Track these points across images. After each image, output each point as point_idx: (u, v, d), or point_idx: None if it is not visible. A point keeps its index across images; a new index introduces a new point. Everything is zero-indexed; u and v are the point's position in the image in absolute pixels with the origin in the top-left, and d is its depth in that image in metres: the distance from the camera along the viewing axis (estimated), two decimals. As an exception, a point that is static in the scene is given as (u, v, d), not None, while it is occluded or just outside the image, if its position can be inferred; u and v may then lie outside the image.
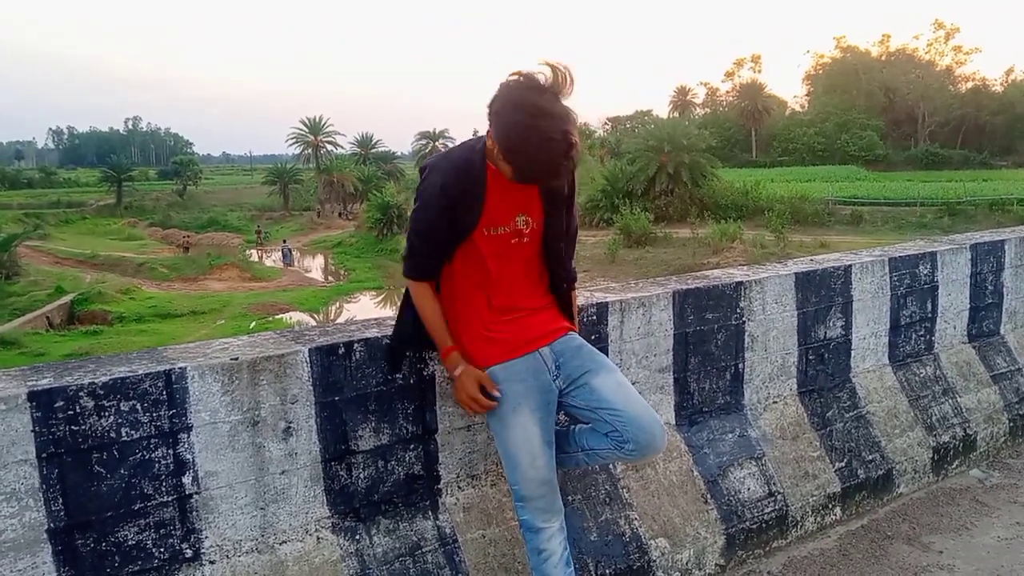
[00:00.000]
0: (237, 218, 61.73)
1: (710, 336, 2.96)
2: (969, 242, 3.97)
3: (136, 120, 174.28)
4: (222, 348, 2.13)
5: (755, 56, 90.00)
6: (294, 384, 2.10)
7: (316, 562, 2.13)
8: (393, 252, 41.91)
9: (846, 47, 79.60)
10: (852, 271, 3.38)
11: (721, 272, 3.29)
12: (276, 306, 29.28)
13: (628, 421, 2.06)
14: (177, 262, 40.41)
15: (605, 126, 72.77)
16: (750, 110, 72.17)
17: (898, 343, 3.62)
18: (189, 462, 1.96)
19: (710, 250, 29.88)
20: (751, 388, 3.11)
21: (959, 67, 74.69)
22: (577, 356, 2.14)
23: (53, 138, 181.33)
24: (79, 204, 68.59)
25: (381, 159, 77.46)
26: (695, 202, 38.31)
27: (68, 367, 1.96)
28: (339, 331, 2.32)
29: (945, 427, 3.62)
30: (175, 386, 1.93)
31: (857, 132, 67.02)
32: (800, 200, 36.45)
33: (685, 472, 2.84)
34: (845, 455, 3.24)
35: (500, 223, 2.01)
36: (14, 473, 1.76)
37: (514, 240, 2.03)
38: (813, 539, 3.04)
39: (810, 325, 3.26)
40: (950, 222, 31.65)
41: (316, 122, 73.43)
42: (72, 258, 40.48)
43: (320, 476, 2.17)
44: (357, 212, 57.20)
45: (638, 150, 41.08)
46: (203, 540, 2.00)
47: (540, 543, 2.13)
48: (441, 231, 2.00)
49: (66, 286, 30.98)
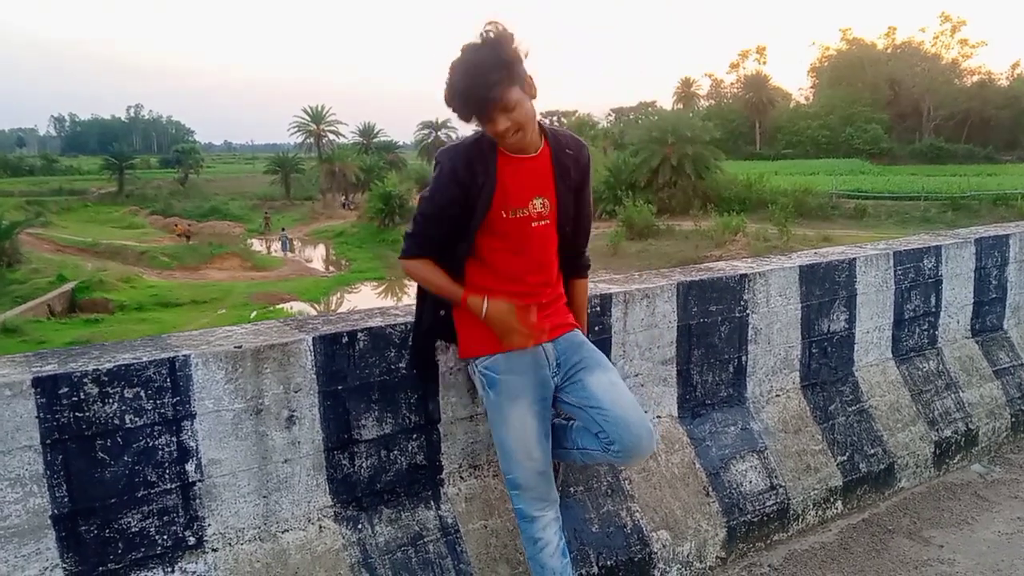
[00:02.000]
0: (239, 207, 61.67)
1: (713, 328, 2.95)
2: (973, 236, 3.96)
3: (138, 108, 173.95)
4: (226, 336, 2.13)
5: (760, 48, 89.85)
6: (298, 373, 2.10)
7: (318, 551, 2.13)
8: (395, 242, 41.85)
9: (852, 39, 79.29)
10: (856, 264, 3.37)
11: (725, 264, 3.28)
12: (277, 295, 29.32)
13: (614, 421, 2.06)
14: (179, 251, 40.42)
15: (609, 117, 72.66)
16: (754, 102, 71.91)
17: (901, 337, 3.61)
18: (192, 450, 1.97)
19: (713, 243, 29.84)
20: (754, 381, 3.11)
21: (965, 60, 74.38)
22: (576, 352, 2.15)
23: (55, 125, 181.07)
24: (81, 192, 68.52)
25: (383, 149, 77.28)
26: (698, 194, 38.24)
27: (72, 354, 1.96)
28: (343, 320, 2.32)
29: (947, 422, 3.62)
30: (179, 373, 1.93)
31: (862, 125, 66.79)
32: (804, 193, 36.35)
33: (687, 464, 2.84)
34: (847, 449, 3.24)
35: (517, 205, 2.02)
36: (18, 459, 1.76)
37: (535, 223, 2.05)
38: (814, 532, 3.05)
39: (814, 318, 3.25)
40: (954, 216, 31.57)
41: (318, 111, 73.24)
42: (73, 246, 40.48)
43: (323, 465, 2.17)
44: (359, 202, 57.14)
45: (642, 142, 40.98)
46: (206, 528, 2.01)
47: (535, 532, 2.14)
48: (448, 215, 2.00)
49: (67, 274, 30.99)
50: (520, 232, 2.04)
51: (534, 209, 2.04)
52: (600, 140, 55.54)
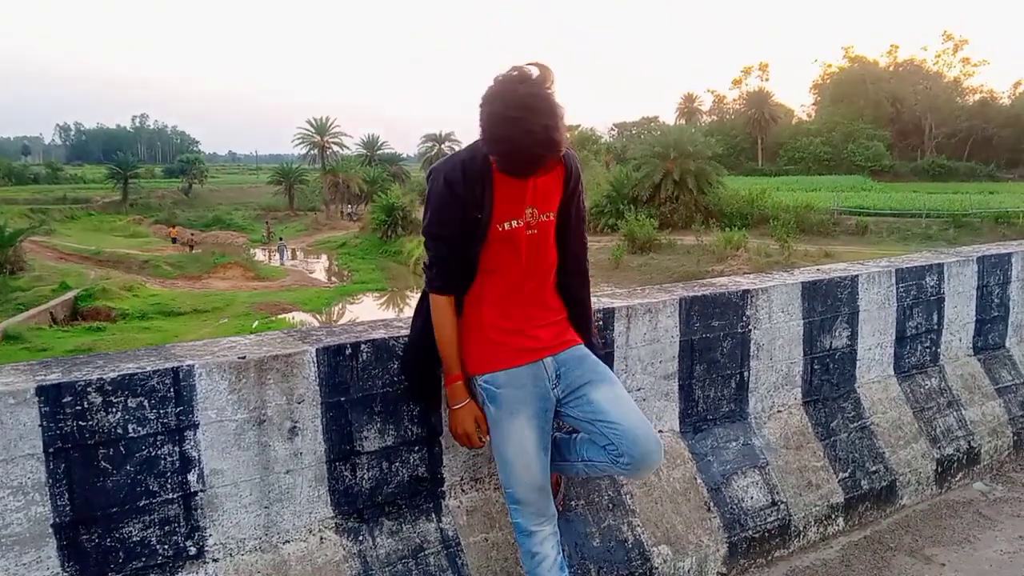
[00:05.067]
0: (242, 217, 61.87)
1: (716, 344, 2.96)
2: (976, 254, 3.96)
3: (143, 117, 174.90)
4: (229, 346, 2.14)
5: (762, 64, 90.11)
6: (301, 384, 2.10)
7: (319, 562, 2.13)
8: (397, 254, 41.97)
9: (854, 57, 79.52)
10: (859, 281, 3.38)
11: (728, 280, 3.29)
12: (279, 306, 29.31)
13: (623, 434, 2.06)
14: (181, 260, 40.50)
15: (611, 132, 72.87)
16: (756, 118, 72.05)
17: (903, 354, 3.61)
18: (195, 459, 1.97)
19: (714, 258, 29.82)
20: (756, 396, 3.10)
21: (967, 79, 74.51)
22: (579, 367, 2.14)
23: (60, 134, 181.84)
24: (85, 200, 68.68)
25: (387, 161, 77.51)
26: (700, 209, 38.25)
27: (76, 362, 1.97)
28: (346, 332, 2.33)
29: (949, 439, 3.61)
30: (183, 383, 1.94)
31: (864, 142, 66.87)
32: (805, 209, 36.36)
33: (689, 479, 2.84)
34: (849, 465, 3.24)
35: (512, 216, 2.02)
36: (21, 467, 1.76)
37: (529, 232, 2.05)
38: (815, 549, 3.04)
39: (816, 334, 3.25)
40: (955, 234, 31.56)
41: (323, 122, 73.54)
42: (77, 254, 40.54)
43: (325, 476, 2.17)
44: (362, 213, 57.25)
45: (644, 156, 41.02)
46: (207, 538, 2.01)
47: (533, 546, 2.14)
48: (456, 229, 2.00)
49: (70, 282, 31.02)
50: (514, 241, 2.04)
51: (527, 218, 2.04)
52: (603, 154, 55.68)
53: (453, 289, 2.08)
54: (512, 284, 2.08)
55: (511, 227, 2.02)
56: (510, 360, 2.08)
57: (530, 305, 2.11)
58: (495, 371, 2.08)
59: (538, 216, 2.06)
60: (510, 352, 2.08)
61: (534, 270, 2.09)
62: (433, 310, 2.09)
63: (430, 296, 2.09)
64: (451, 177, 1.97)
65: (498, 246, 2.03)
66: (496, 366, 2.08)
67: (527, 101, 1.77)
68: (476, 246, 2.02)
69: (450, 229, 2.00)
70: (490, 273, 2.07)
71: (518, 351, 2.08)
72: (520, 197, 2.02)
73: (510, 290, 2.08)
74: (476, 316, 2.10)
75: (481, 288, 2.08)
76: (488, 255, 2.04)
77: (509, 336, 2.08)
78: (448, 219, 2.00)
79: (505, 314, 2.08)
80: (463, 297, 2.09)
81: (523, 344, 2.09)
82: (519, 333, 2.09)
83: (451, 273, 2.05)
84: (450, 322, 2.08)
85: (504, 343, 2.08)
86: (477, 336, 2.09)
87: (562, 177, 2.11)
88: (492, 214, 1.99)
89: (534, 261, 2.08)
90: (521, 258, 2.06)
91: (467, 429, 2.12)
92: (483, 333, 2.09)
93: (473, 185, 1.97)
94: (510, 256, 2.05)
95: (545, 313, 2.14)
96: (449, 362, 2.10)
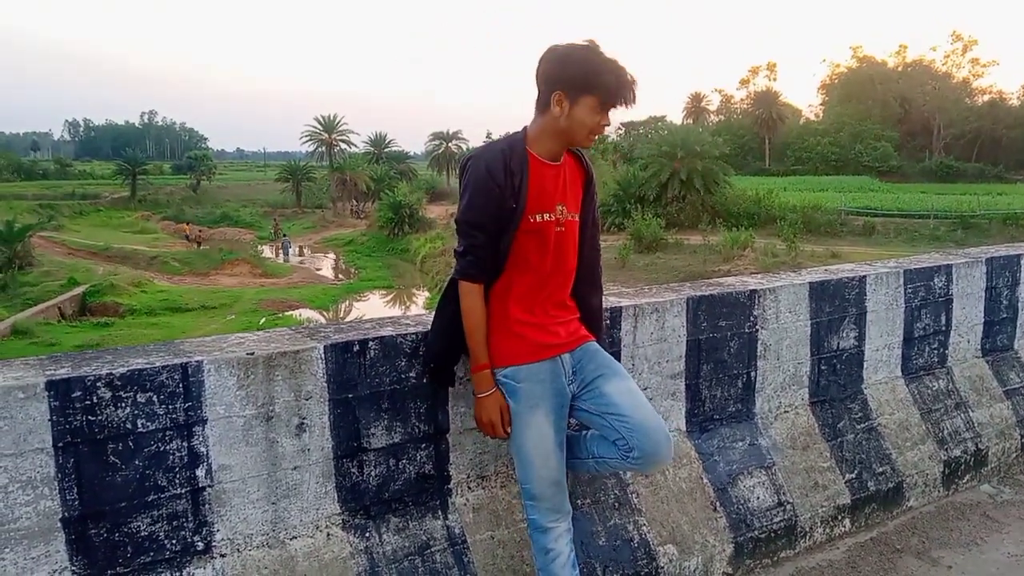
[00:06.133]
0: (250, 214, 61.98)
1: (723, 344, 2.95)
2: (985, 256, 3.94)
3: (152, 114, 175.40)
4: (238, 343, 2.14)
5: (770, 64, 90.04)
6: (309, 380, 2.11)
7: (326, 558, 2.14)
8: (404, 252, 42.04)
9: (862, 57, 79.26)
10: (867, 282, 3.37)
11: (735, 280, 3.28)
12: (286, 303, 29.41)
13: (634, 427, 2.07)
14: (189, 256, 40.64)
15: (619, 131, 72.68)
16: (764, 118, 71.84)
17: (911, 355, 3.60)
18: (203, 455, 1.98)
19: (721, 257, 29.75)
20: (763, 397, 3.10)
21: (976, 80, 74.21)
22: (592, 361, 2.17)
23: (69, 130, 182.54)
24: (93, 196, 68.98)
25: (394, 159, 77.64)
26: (707, 209, 38.19)
27: (86, 357, 1.98)
28: (354, 329, 2.33)
29: (957, 441, 3.60)
30: (191, 379, 1.94)
31: (871, 143, 66.64)
32: (812, 209, 36.28)
33: (695, 479, 2.84)
34: (855, 466, 3.23)
35: (544, 209, 2.05)
36: (30, 461, 1.77)
37: (557, 228, 2.08)
38: (821, 550, 3.03)
39: (823, 335, 3.25)
40: (963, 235, 31.42)
41: (330, 120, 73.70)
42: (85, 250, 40.74)
43: (332, 473, 2.18)
44: (369, 211, 57.37)
45: (651, 156, 40.98)
46: (215, 533, 2.01)
47: (547, 543, 2.14)
48: (494, 217, 2.01)
49: (79, 277, 31.20)
50: (544, 236, 2.06)
51: (558, 214, 2.08)
52: (610, 153, 55.56)
53: (483, 277, 2.08)
54: (538, 281, 2.10)
55: (542, 220, 2.05)
56: (531, 355, 2.10)
57: (551, 303, 2.13)
58: (517, 365, 2.10)
59: (567, 214, 2.10)
60: (532, 347, 2.10)
61: (558, 269, 2.12)
62: (462, 296, 2.09)
63: (459, 283, 2.09)
64: (492, 165, 1.99)
65: (528, 239, 2.05)
66: (518, 360, 2.10)
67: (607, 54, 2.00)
68: (507, 236, 2.03)
69: (487, 216, 2.01)
70: (517, 268, 2.08)
71: (540, 346, 2.10)
72: (552, 191, 2.06)
73: (535, 287, 2.10)
74: (501, 309, 2.10)
75: (508, 282, 2.09)
76: (518, 247, 2.06)
77: (532, 331, 2.10)
78: (485, 206, 2.00)
79: (529, 309, 2.10)
80: (489, 290, 2.10)
81: (544, 340, 2.11)
82: (541, 329, 2.11)
83: (483, 261, 2.05)
84: (480, 309, 2.08)
85: (527, 337, 2.10)
86: (501, 329, 2.10)
87: (583, 178, 2.17)
88: (526, 204, 2.01)
89: (559, 260, 2.11)
90: (548, 254, 2.08)
91: (492, 418, 2.11)
92: (507, 326, 2.10)
93: (512, 174, 1.99)
94: (538, 251, 2.07)
95: (563, 312, 2.17)
96: (477, 349, 2.10)
